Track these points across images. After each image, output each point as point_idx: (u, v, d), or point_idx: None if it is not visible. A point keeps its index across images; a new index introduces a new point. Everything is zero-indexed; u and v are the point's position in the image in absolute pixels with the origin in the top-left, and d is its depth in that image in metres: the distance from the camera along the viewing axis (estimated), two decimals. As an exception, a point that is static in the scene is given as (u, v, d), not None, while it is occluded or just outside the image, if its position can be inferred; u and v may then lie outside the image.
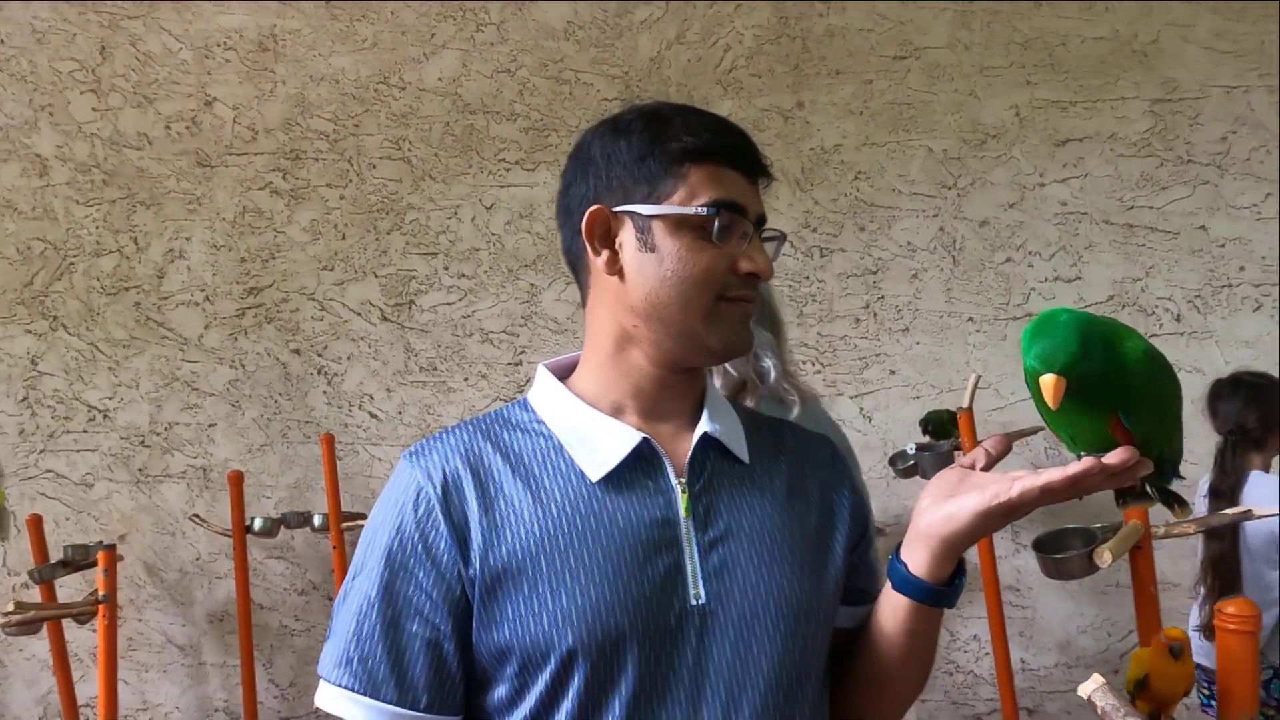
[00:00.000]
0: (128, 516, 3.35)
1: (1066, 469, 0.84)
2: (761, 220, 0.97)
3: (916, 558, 0.92)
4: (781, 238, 1.01)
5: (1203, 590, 2.56)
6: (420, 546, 0.89)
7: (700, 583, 0.90)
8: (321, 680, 0.91)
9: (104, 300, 3.40)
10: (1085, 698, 1.02)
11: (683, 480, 0.93)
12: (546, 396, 0.98)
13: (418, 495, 0.91)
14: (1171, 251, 3.03)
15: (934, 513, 0.91)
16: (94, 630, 2.65)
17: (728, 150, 0.96)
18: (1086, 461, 0.84)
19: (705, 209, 0.92)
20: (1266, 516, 1.94)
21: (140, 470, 3.38)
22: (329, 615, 0.98)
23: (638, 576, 0.88)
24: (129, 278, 3.40)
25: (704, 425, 0.96)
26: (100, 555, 2.43)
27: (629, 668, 0.87)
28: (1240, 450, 2.57)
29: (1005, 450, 0.97)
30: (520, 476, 0.92)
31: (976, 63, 3.12)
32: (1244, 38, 3.01)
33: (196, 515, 3.26)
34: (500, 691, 0.90)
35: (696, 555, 0.91)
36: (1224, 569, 2.51)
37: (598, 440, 0.94)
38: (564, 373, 1.01)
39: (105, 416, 3.40)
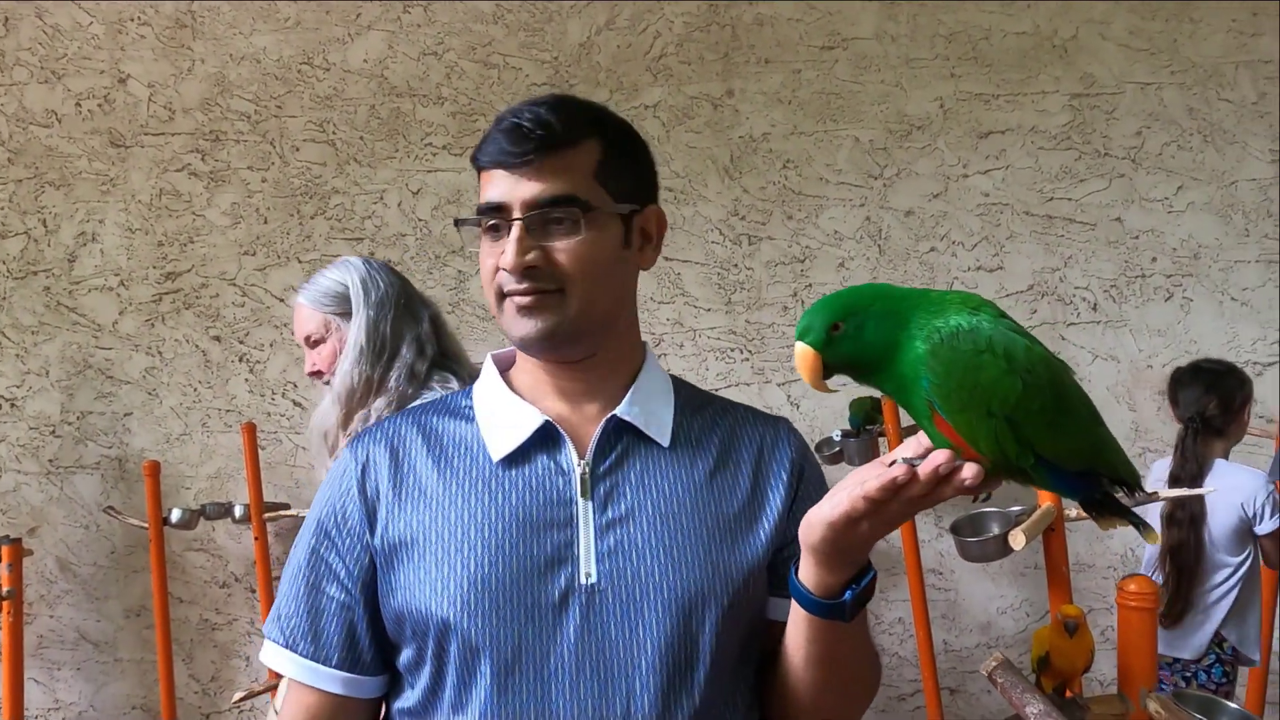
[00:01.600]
0: (37, 509, 3.23)
1: (881, 476, 0.78)
2: (537, 206, 0.95)
3: (803, 565, 0.88)
4: (522, 219, 0.96)
5: (1161, 578, 2.55)
6: (340, 518, 0.99)
7: (593, 562, 0.93)
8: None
9: (10, 284, 3.27)
10: (986, 674, 1.04)
11: (585, 461, 0.96)
12: (483, 384, 1.05)
13: (343, 473, 1.01)
14: (1089, 242, 3.11)
15: (805, 520, 0.86)
16: None
17: (490, 152, 0.99)
18: (897, 468, 0.77)
19: (473, 215, 1.01)
20: (1172, 497, 2.01)
21: (51, 461, 3.26)
22: (251, 608, 1.02)
23: (521, 552, 0.92)
24: (37, 261, 3.27)
25: (619, 409, 0.98)
26: (4, 549, 2.35)
27: (505, 640, 0.91)
28: (1202, 438, 2.59)
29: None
30: (434, 457, 0.99)
31: (903, 55, 3.17)
32: (1158, 36, 3.10)
33: (111, 507, 3.15)
34: (405, 656, 0.97)
35: (592, 535, 0.94)
36: (1182, 557, 2.51)
37: (507, 424, 0.99)
38: (508, 364, 1.08)
39: (13, 406, 3.27)
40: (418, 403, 1.42)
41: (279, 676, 2.66)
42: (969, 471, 0.76)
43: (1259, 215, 3.06)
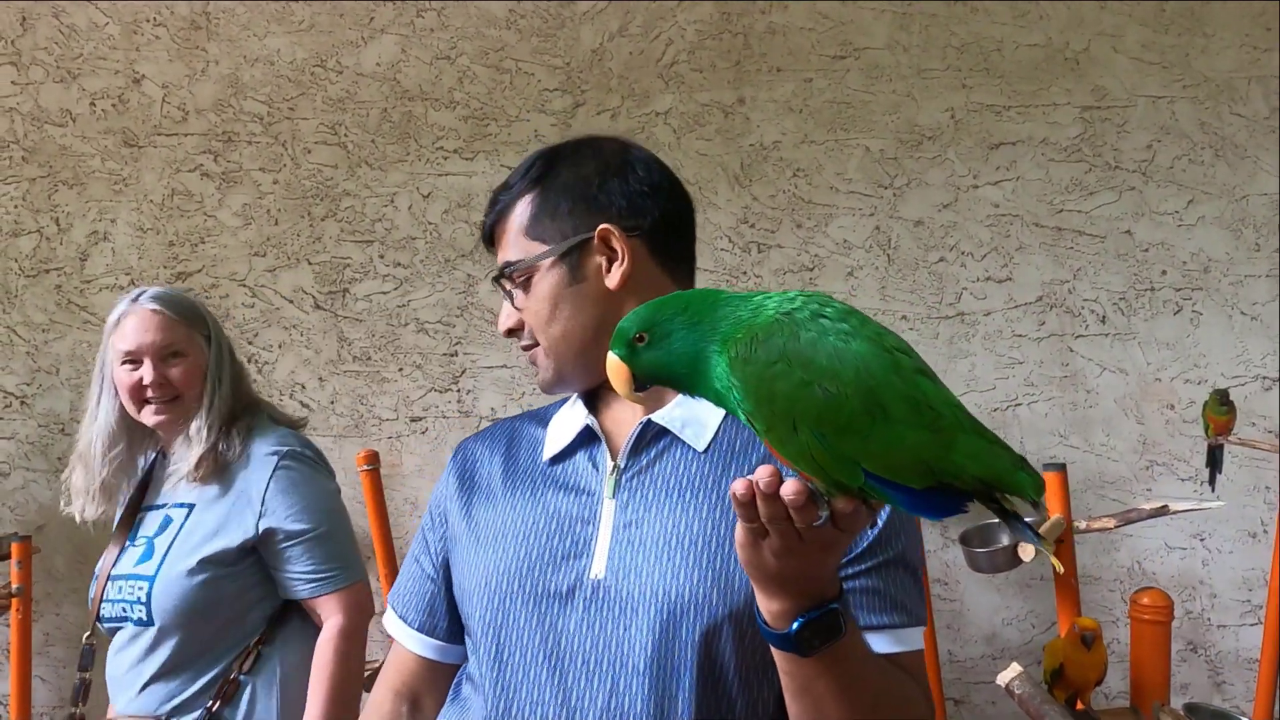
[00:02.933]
0: (46, 507, 3.24)
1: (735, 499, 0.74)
2: (501, 275, 1.09)
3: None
4: (499, 276, 1.10)
5: None
6: (435, 504, 1.14)
7: (604, 560, 0.96)
8: None
9: (22, 282, 3.28)
10: (1004, 686, 1.04)
11: (617, 463, 1.00)
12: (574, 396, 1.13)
13: (447, 466, 1.16)
14: (1098, 255, 3.11)
15: None
16: (7, 624, 2.56)
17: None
18: (738, 483, 0.72)
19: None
20: (1183, 512, 2.01)
21: (60, 459, 3.26)
22: None
23: (544, 545, 0.99)
24: (50, 259, 3.29)
25: (656, 413, 1.01)
26: (14, 547, 2.35)
27: (514, 626, 0.98)
28: None
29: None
30: (508, 457, 1.09)
31: (914, 65, 3.17)
32: (1170, 50, 3.10)
33: (118, 506, 3.16)
34: (466, 633, 1.07)
35: (610, 534, 0.97)
36: None
37: (564, 426, 1.07)
38: None
39: (23, 403, 3.27)
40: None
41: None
42: (788, 489, 0.70)
43: (1270, 230, 3.06)
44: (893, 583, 0.95)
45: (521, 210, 1.08)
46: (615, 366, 0.79)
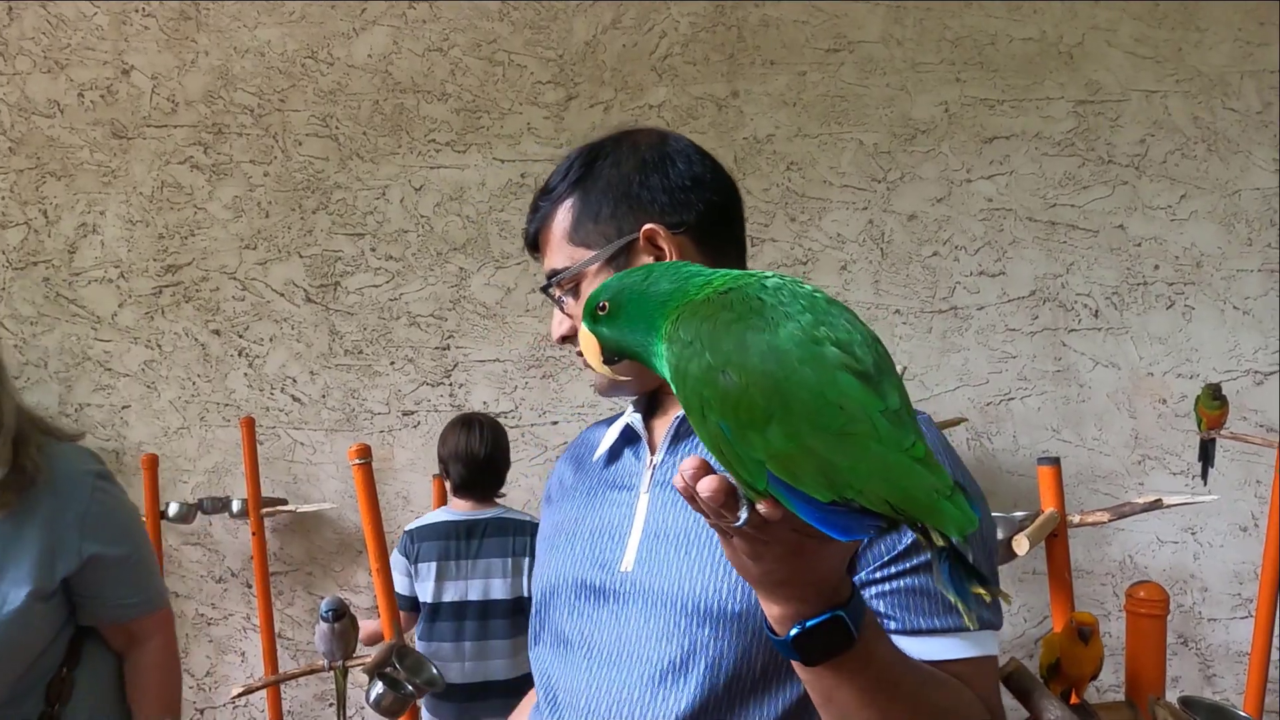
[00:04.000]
0: (33, 501, 3.22)
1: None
2: (549, 283, 1.07)
3: None
4: (546, 285, 1.08)
5: None
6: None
7: (634, 554, 0.96)
8: None
9: (10, 275, 3.25)
10: (1001, 680, 1.03)
11: (654, 459, 1.01)
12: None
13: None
14: (1091, 249, 3.11)
15: None
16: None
17: None
18: (675, 478, 0.65)
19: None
20: (1176, 505, 2.01)
21: (47, 453, 3.24)
22: (247, 603, 1.05)
23: (590, 541, 1.01)
24: (37, 252, 3.26)
25: None
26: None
27: (560, 611, 1.01)
28: None
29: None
30: (574, 464, 1.14)
31: (908, 59, 3.16)
32: (1163, 44, 3.10)
33: (107, 500, 3.13)
34: None
35: (641, 528, 0.98)
36: None
37: (619, 425, 1.09)
38: None
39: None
40: None
41: (275, 672, 2.65)
42: (705, 486, 0.62)
43: (1262, 224, 3.06)
44: None
45: (563, 216, 1.04)
46: (584, 338, 0.77)
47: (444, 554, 2.49)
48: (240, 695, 2.35)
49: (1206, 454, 2.75)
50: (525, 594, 2.54)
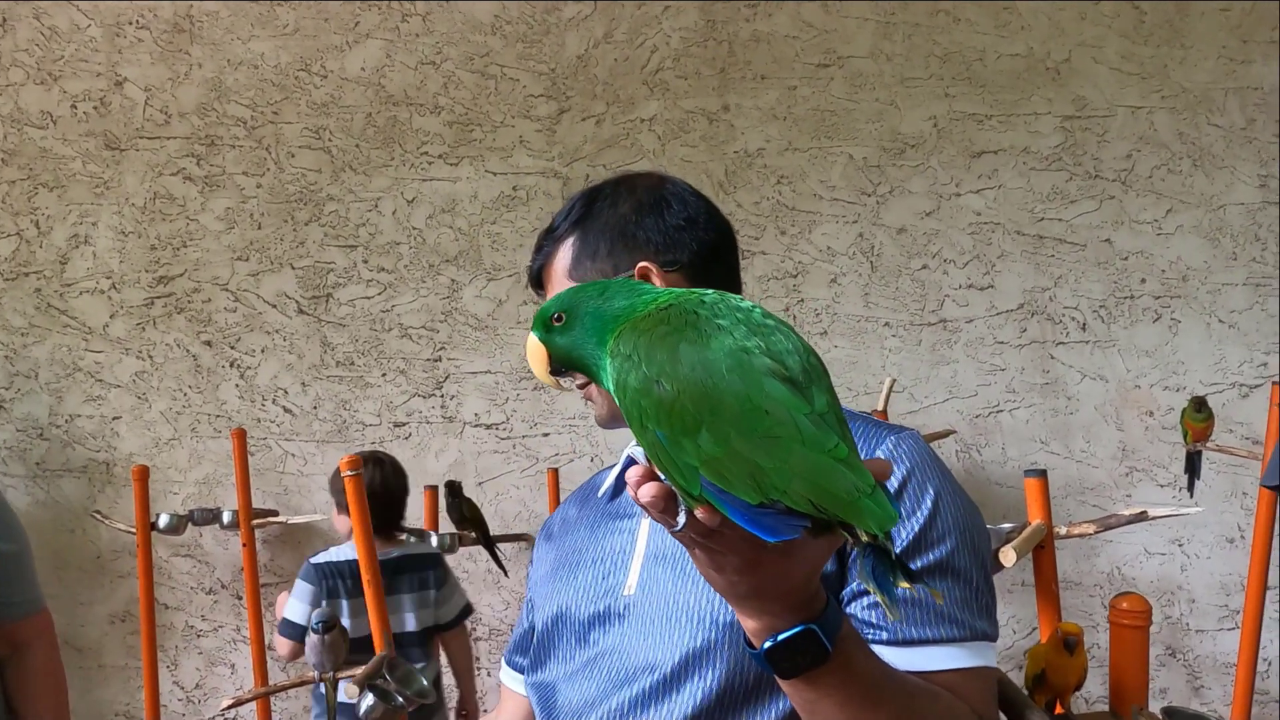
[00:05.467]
0: (24, 513, 3.21)
1: None
2: None
3: None
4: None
5: None
6: (532, 565, 1.22)
7: (635, 579, 1.00)
8: None
9: (1, 285, 3.25)
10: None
11: None
12: None
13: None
14: (1079, 263, 3.14)
15: None
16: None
17: None
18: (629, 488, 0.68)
19: None
20: (1162, 517, 2.03)
21: (38, 464, 3.24)
22: (237, 615, 1.07)
23: (593, 570, 1.05)
24: (29, 263, 3.26)
25: None
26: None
27: (566, 639, 1.04)
28: None
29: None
30: (580, 499, 1.18)
31: (897, 74, 3.19)
32: (1149, 61, 3.14)
33: (98, 511, 3.13)
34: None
35: (643, 554, 1.02)
36: None
37: (623, 458, 1.11)
38: None
39: (1, 407, 3.24)
40: None
41: (265, 684, 2.64)
42: (644, 492, 0.64)
43: (1247, 239, 3.09)
44: (940, 591, 0.88)
45: (564, 254, 1.08)
46: (533, 347, 0.78)
47: (353, 591, 2.52)
48: (230, 707, 2.34)
49: (1193, 466, 2.77)
50: (434, 623, 2.64)
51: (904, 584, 0.60)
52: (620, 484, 1.10)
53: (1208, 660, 3.06)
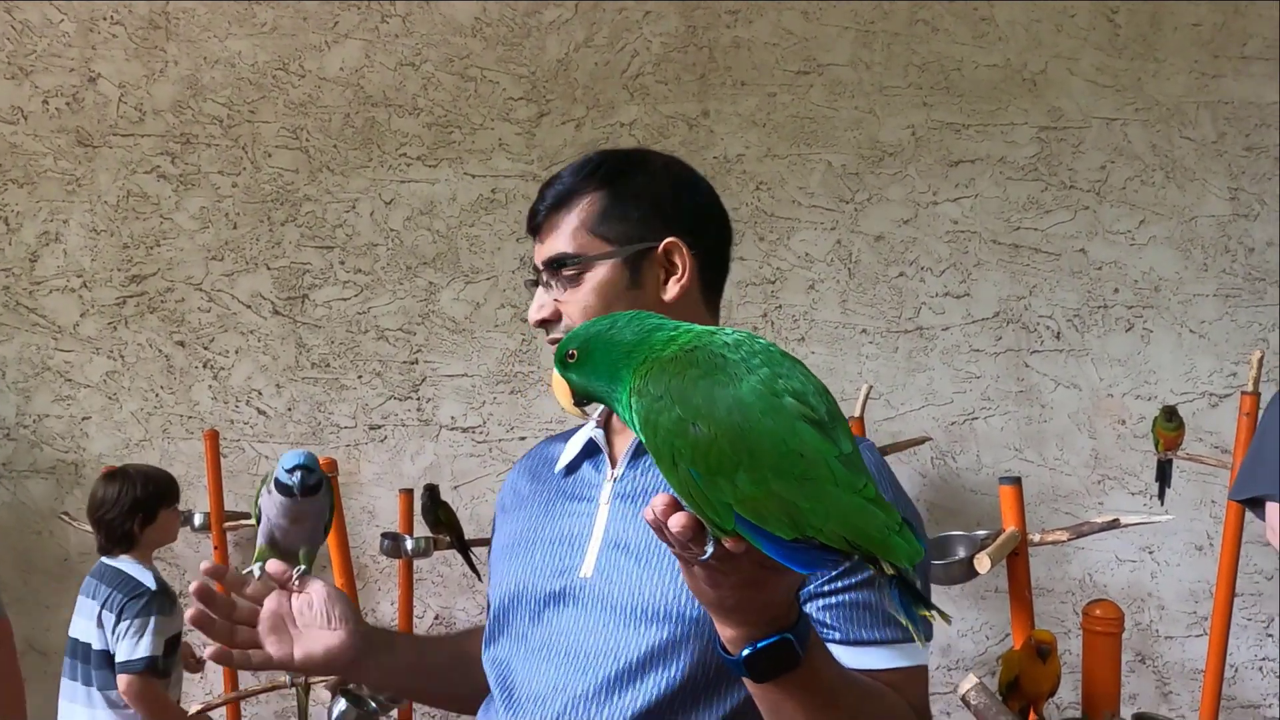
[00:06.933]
0: (-11, 513, 3.16)
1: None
2: (545, 268, 1.08)
3: None
4: (550, 263, 1.08)
5: None
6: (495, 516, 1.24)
7: (593, 561, 1.02)
8: None
9: (-31, 283, 3.20)
10: (961, 696, 1.05)
11: (615, 472, 1.06)
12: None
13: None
14: (1053, 272, 3.17)
15: None
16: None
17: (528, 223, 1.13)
18: (645, 510, 0.71)
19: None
20: (1133, 525, 2.05)
21: (5, 465, 3.19)
22: None
23: (546, 549, 1.06)
24: (-2, 260, 3.21)
25: None
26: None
27: (520, 618, 1.05)
28: None
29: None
30: (535, 473, 1.16)
31: (876, 82, 3.21)
32: (1123, 74, 3.17)
33: (66, 513, 3.09)
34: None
35: (600, 537, 1.03)
36: None
37: (577, 441, 1.12)
38: None
39: (-33, 407, 3.19)
40: None
41: (235, 689, 2.61)
42: (674, 521, 0.69)
43: (1217, 251, 3.14)
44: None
45: (587, 205, 1.07)
46: (557, 382, 0.81)
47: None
48: (200, 713, 2.32)
49: (1164, 475, 2.80)
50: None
51: (924, 612, 0.67)
52: (574, 462, 1.11)
53: (1176, 666, 3.09)
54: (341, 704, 1.93)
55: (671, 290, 1.07)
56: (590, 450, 1.11)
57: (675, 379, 0.70)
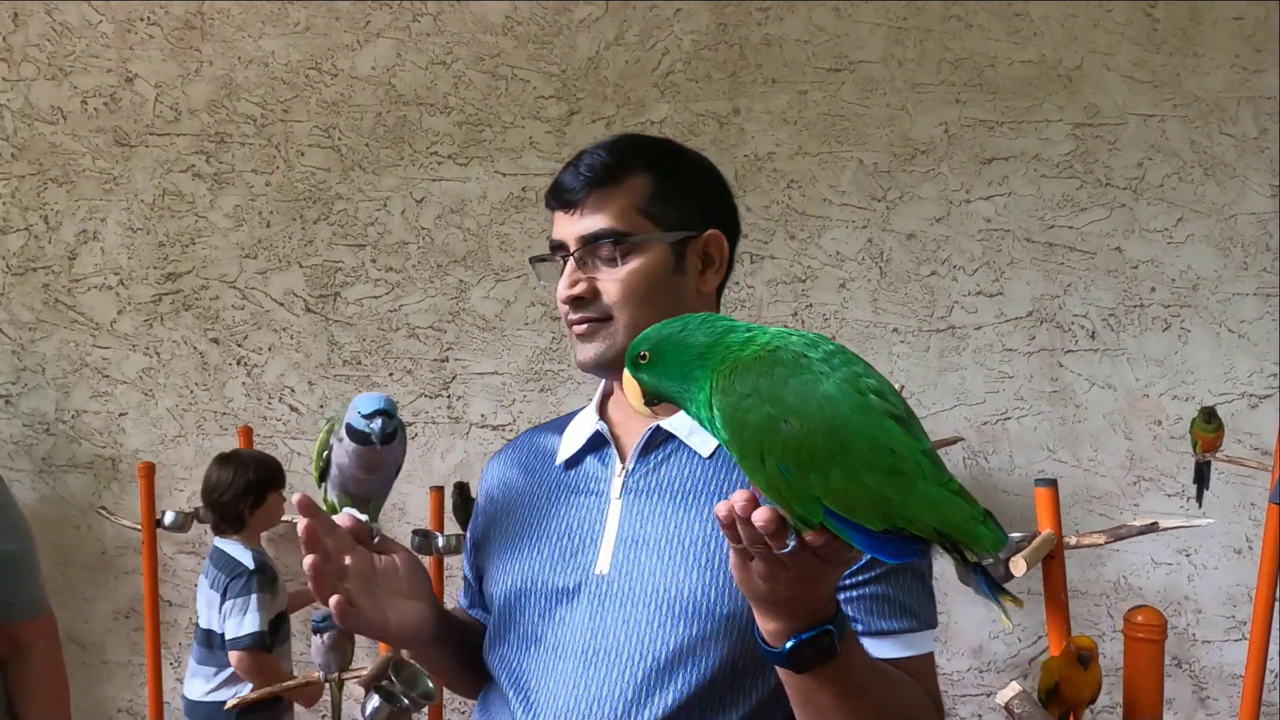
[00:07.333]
0: (29, 507, 3.20)
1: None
2: (586, 241, 1.05)
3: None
4: (594, 238, 1.06)
5: None
6: (477, 508, 1.21)
7: (608, 557, 1.01)
8: None
9: (10, 280, 3.26)
10: (1003, 705, 1.04)
11: (626, 465, 1.05)
12: (592, 401, 1.16)
13: (483, 474, 1.22)
14: (1088, 271, 3.13)
15: None
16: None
17: (549, 197, 1.10)
18: (720, 505, 0.74)
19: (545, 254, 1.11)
20: (1173, 528, 2.02)
21: (44, 459, 3.24)
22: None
23: (554, 543, 1.04)
24: (38, 258, 3.26)
25: (665, 419, 1.05)
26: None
27: (528, 618, 1.04)
28: None
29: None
30: (527, 465, 1.14)
31: (909, 79, 3.19)
32: (1161, 69, 3.13)
33: (103, 508, 3.13)
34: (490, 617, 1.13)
35: (615, 532, 1.01)
36: None
37: (576, 433, 1.11)
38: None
39: (7, 402, 3.25)
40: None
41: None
42: (758, 516, 0.72)
43: (1258, 249, 3.08)
44: (901, 588, 0.98)
45: (638, 185, 1.06)
46: (628, 381, 0.83)
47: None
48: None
49: (1202, 477, 2.76)
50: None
51: (1006, 599, 0.71)
52: (577, 455, 1.10)
53: (1214, 671, 3.05)
54: (375, 700, 1.93)
55: (710, 281, 1.09)
56: (595, 443, 1.09)
57: (763, 378, 0.73)
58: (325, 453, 1.15)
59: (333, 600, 0.96)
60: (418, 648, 1.11)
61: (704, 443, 1.03)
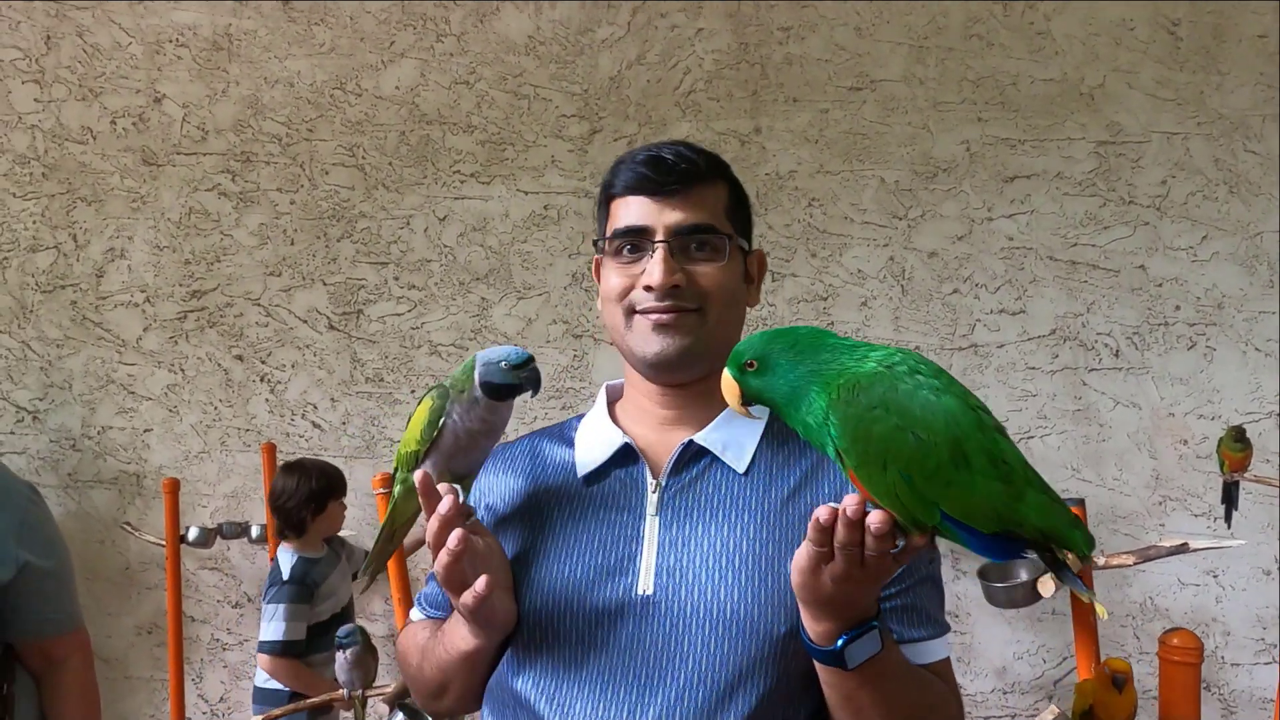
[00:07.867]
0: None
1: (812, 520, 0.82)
2: (682, 231, 1.03)
3: (801, 610, 0.91)
4: (667, 241, 1.03)
5: None
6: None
7: (651, 576, 0.98)
8: None
9: (38, 297, 3.29)
10: (1041, 727, 1.03)
11: (659, 481, 1.02)
12: (591, 412, 1.14)
13: (474, 487, 1.13)
14: (1112, 289, 3.11)
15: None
16: (14, 641, 2.54)
17: (630, 181, 1.06)
18: (822, 509, 0.80)
19: (608, 238, 1.06)
20: (1203, 550, 2.00)
21: (70, 475, 3.26)
22: None
23: (587, 561, 1.00)
24: (66, 275, 3.30)
25: (698, 434, 1.04)
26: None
27: (568, 637, 0.99)
28: None
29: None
30: (532, 476, 1.09)
31: (930, 98, 3.19)
32: (1185, 87, 3.12)
33: (128, 523, 3.15)
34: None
35: (655, 551, 0.99)
36: None
37: (597, 445, 1.07)
38: (617, 395, 1.16)
39: (35, 418, 3.28)
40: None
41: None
42: (874, 519, 0.78)
43: (1283, 267, 3.06)
44: (925, 598, 1.03)
45: (724, 190, 1.09)
46: (728, 383, 0.87)
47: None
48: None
49: (1230, 497, 2.73)
50: None
51: (1092, 600, 0.88)
52: (602, 469, 1.05)
53: (1244, 695, 3.01)
54: (399, 717, 1.94)
55: (758, 296, 1.13)
56: (622, 457, 1.05)
57: (889, 393, 0.79)
58: (441, 421, 1.04)
59: (482, 580, 0.92)
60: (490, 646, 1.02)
61: (738, 459, 1.03)
